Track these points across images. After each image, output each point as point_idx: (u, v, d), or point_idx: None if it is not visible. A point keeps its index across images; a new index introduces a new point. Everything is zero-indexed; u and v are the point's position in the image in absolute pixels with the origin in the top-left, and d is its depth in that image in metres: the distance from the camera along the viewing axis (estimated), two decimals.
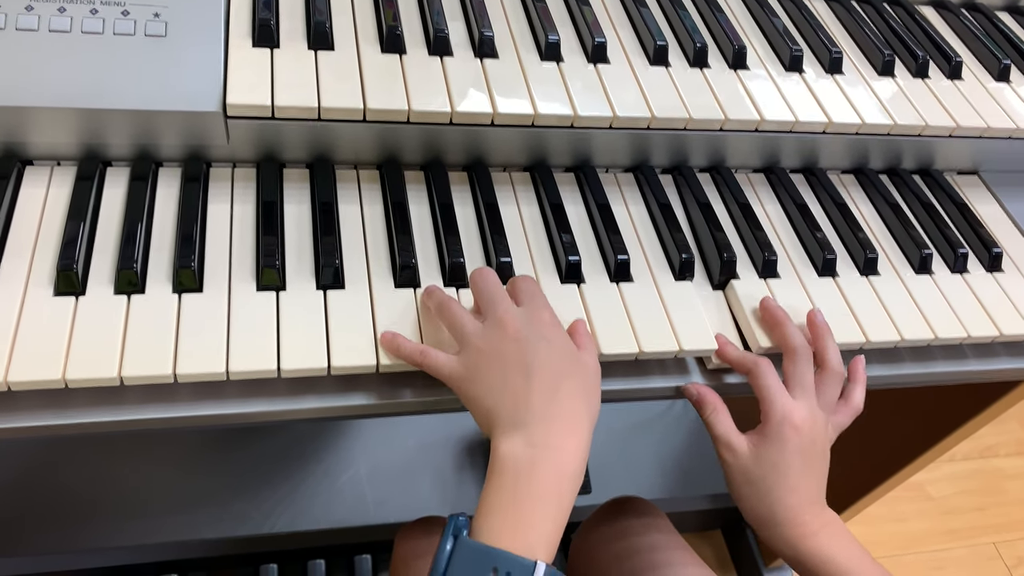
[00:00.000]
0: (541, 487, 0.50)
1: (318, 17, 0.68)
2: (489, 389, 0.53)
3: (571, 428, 0.53)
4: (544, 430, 0.51)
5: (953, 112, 0.80)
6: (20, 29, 0.62)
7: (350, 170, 0.71)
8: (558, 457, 0.51)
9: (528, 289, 0.59)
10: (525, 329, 0.54)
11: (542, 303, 0.58)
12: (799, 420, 0.60)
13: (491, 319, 0.56)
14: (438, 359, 0.56)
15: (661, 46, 0.76)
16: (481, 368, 0.54)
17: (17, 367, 0.52)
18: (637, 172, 0.77)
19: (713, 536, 1.58)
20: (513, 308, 0.56)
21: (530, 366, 0.53)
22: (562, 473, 0.51)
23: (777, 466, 0.60)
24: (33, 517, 1.20)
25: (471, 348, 0.55)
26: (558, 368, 0.54)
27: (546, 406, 0.52)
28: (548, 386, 0.53)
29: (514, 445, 0.51)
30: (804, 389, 0.62)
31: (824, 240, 0.73)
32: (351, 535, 1.28)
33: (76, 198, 0.62)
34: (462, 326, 0.56)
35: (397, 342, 0.57)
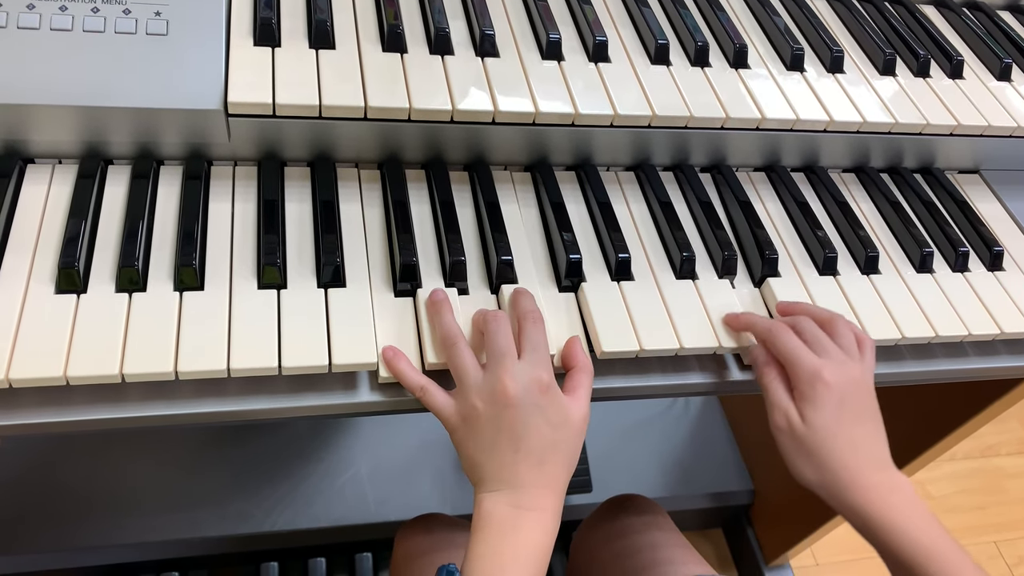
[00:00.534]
0: (525, 537, 0.54)
1: (319, 16, 0.68)
2: (479, 447, 0.56)
3: (552, 496, 0.56)
4: (528, 496, 0.55)
5: (954, 111, 0.80)
6: (22, 28, 0.62)
7: (351, 168, 0.71)
8: (540, 516, 0.55)
9: (533, 338, 0.58)
10: (522, 395, 0.55)
11: (542, 359, 0.57)
12: (828, 375, 0.59)
13: (492, 375, 0.56)
14: (436, 400, 0.58)
15: (662, 45, 0.76)
16: (474, 425, 0.56)
17: (19, 365, 0.52)
18: (638, 170, 0.77)
19: (714, 534, 1.58)
20: (514, 368, 0.56)
21: (520, 438, 0.55)
22: (543, 528, 0.55)
23: (827, 427, 0.59)
24: (34, 515, 1.20)
25: (468, 401, 0.56)
26: (547, 440, 0.56)
27: (531, 475, 0.55)
28: (536, 458, 0.56)
29: (498, 505, 0.55)
30: (822, 345, 0.61)
31: (825, 238, 0.73)
32: (352, 533, 1.28)
33: (77, 196, 0.62)
34: (465, 373, 0.57)
35: (400, 367, 0.58)
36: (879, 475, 0.59)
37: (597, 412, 1.43)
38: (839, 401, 0.59)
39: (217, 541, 1.24)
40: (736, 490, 1.47)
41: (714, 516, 1.54)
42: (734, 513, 1.52)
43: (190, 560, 1.25)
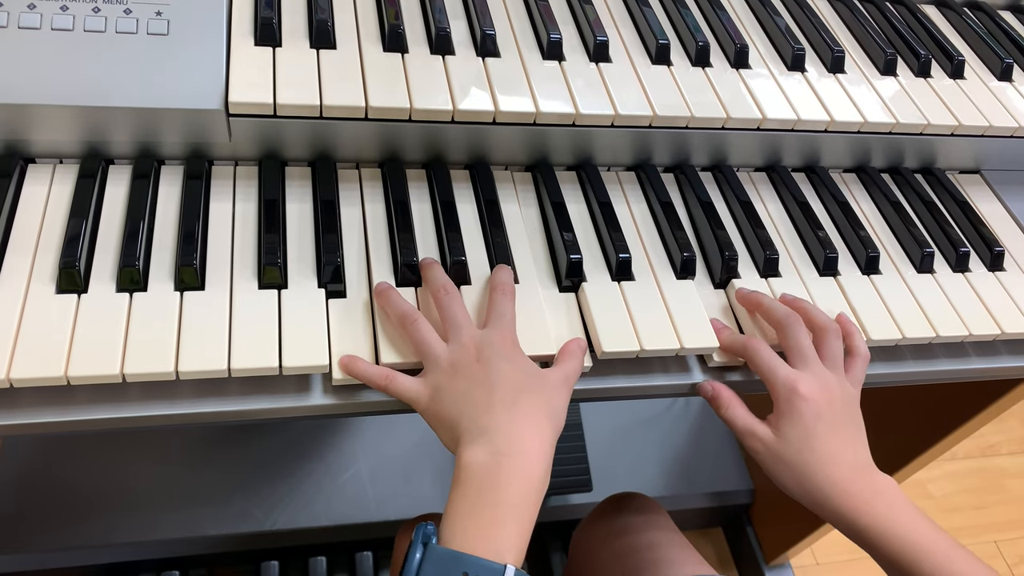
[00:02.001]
0: (507, 492, 0.51)
1: (320, 15, 0.68)
2: (453, 404, 0.55)
3: (532, 434, 0.54)
4: (506, 437, 0.53)
5: (955, 111, 0.80)
6: (23, 27, 0.62)
7: (352, 168, 0.71)
8: (522, 461, 0.52)
9: (499, 308, 0.59)
10: (487, 350, 0.56)
11: (507, 325, 0.58)
12: (804, 389, 0.59)
13: (455, 343, 0.57)
14: (403, 383, 0.57)
15: (663, 44, 0.76)
16: (445, 388, 0.56)
17: (19, 364, 0.52)
18: (639, 170, 0.77)
19: (714, 534, 1.58)
20: (476, 333, 0.57)
21: (492, 382, 0.55)
22: (526, 476, 0.52)
23: (804, 439, 0.59)
24: (35, 514, 1.20)
25: (439, 369, 0.56)
26: (519, 383, 0.55)
27: (508, 415, 0.54)
28: (509, 398, 0.54)
29: (477, 453, 0.52)
30: (803, 356, 0.61)
31: (826, 238, 0.73)
32: (352, 532, 1.28)
33: (78, 196, 0.62)
34: (429, 348, 0.57)
35: (358, 367, 0.57)
36: (861, 481, 0.59)
37: (597, 411, 1.44)
38: (815, 414, 0.59)
39: (217, 540, 1.24)
40: (736, 489, 1.47)
41: (714, 515, 1.54)
42: (734, 512, 1.52)
43: (190, 559, 1.25)
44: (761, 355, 0.61)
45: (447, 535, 0.50)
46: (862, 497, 0.58)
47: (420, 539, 0.50)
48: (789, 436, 0.60)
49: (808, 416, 0.59)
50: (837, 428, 0.60)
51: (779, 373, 0.60)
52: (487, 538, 0.49)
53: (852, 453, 0.60)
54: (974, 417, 0.96)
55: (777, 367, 0.61)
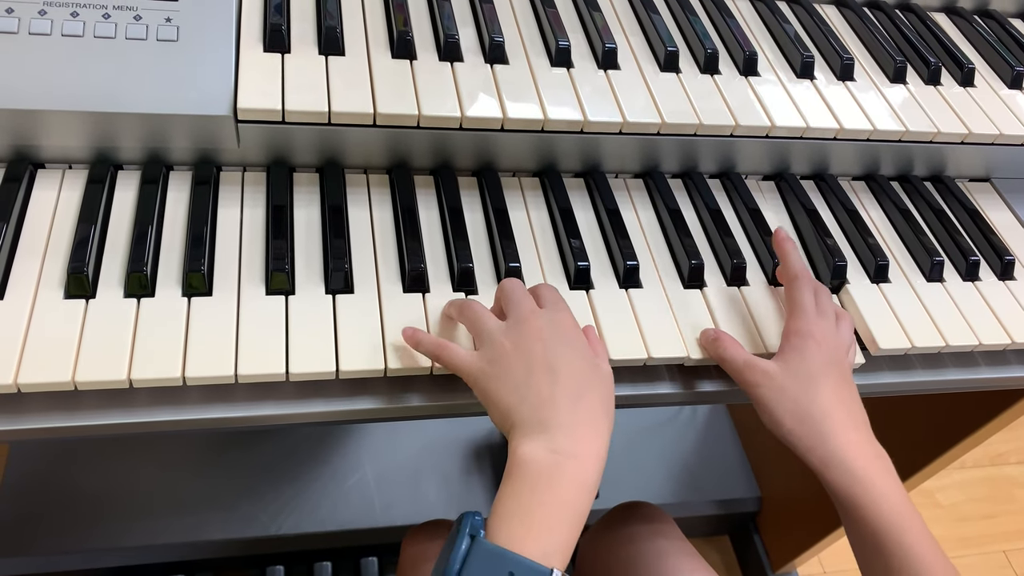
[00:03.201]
0: (561, 495, 0.49)
1: (329, 22, 0.69)
2: (514, 386, 0.52)
3: (593, 438, 0.52)
4: (567, 437, 0.51)
5: (965, 119, 0.79)
6: (33, 33, 0.63)
7: (360, 174, 0.71)
8: (579, 466, 0.50)
9: (550, 296, 0.59)
10: (548, 330, 0.54)
11: (565, 307, 0.58)
12: (820, 335, 0.60)
13: (514, 317, 0.55)
14: (458, 354, 0.55)
15: (672, 52, 0.76)
16: (503, 364, 0.53)
17: (27, 369, 0.52)
18: (647, 178, 0.77)
19: (721, 541, 1.57)
20: (537, 309, 0.56)
21: (556, 369, 0.52)
22: (582, 483, 0.50)
23: (812, 374, 0.58)
24: (43, 517, 1.21)
25: (494, 344, 0.54)
26: (581, 376, 0.53)
27: (571, 412, 0.51)
28: (573, 392, 0.52)
29: (536, 449, 0.50)
30: (825, 312, 0.62)
31: (834, 246, 0.73)
32: (358, 537, 1.28)
33: (87, 201, 0.62)
34: (484, 323, 0.55)
35: (417, 336, 0.57)
36: (866, 436, 0.59)
37: None
38: (827, 359, 0.59)
39: (223, 544, 1.24)
40: (743, 497, 1.47)
41: (721, 523, 1.54)
42: (741, 520, 1.51)
43: (196, 563, 1.25)
44: (805, 292, 0.62)
45: (495, 530, 0.48)
46: (863, 450, 0.57)
47: (468, 530, 0.48)
48: (798, 371, 0.58)
49: (820, 357, 0.59)
50: (845, 381, 0.60)
51: (808, 311, 0.61)
52: (536, 539, 0.47)
53: (858, 409, 0.60)
54: (983, 426, 0.95)
55: (809, 305, 0.61)
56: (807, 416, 0.58)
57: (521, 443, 0.51)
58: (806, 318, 0.61)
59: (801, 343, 0.60)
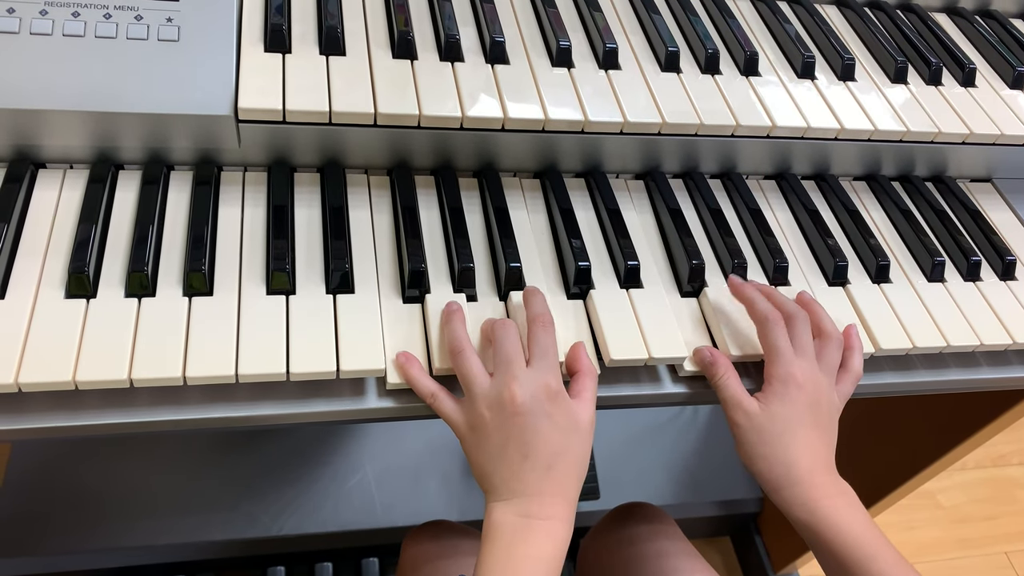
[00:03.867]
0: (536, 549, 0.54)
1: (330, 22, 0.69)
2: (487, 456, 0.56)
3: (560, 499, 0.56)
4: (537, 504, 0.55)
5: (966, 119, 0.79)
6: (34, 33, 0.63)
7: (361, 174, 0.71)
8: (549, 526, 0.54)
9: (542, 343, 0.58)
10: (529, 402, 0.55)
11: (551, 365, 0.58)
12: (802, 378, 0.60)
13: (499, 382, 0.56)
14: (445, 407, 0.58)
15: (673, 52, 0.76)
16: (482, 433, 0.56)
17: (28, 369, 0.52)
18: (648, 178, 0.77)
19: (722, 542, 1.57)
20: (522, 375, 0.56)
21: (528, 445, 0.55)
22: (553, 539, 0.54)
23: (789, 421, 0.60)
24: (45, 518, 1.21)
25: (476, 409, 0.56)
26: (555, 446, 0.56)
27: (540, 483, 0.55)
28: (544, 464, 0.55)
29: (507, 515, 0.55)
30: (803, 350, 0.62)
31: (836, 247, 0.73)
32: (358, 538, 1.28)
33: (88, 201, 0.62)
34: (473, 381, 0.57)
35: (412, 373, 0.58)
36: (830, 477, 0.61)
37: (605, 419, 1.43)
38: (806, 404, 0.61)
39: (224, 545, 1.24)
40: (744, 498, 1.46)
41: (722, 524, 1.53)
42: (742, 521, 1.51)
43: (198, 564, 1.25)
44: (777, 334, 0.62)
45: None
46: (826, 490, 0.60)
47: None
48: (776, 415, 0.60)
49: (799, 403, 0.60)
50: (819, 426, 0.62)
51: (786, 355, 0.61)
52: None
53: (826, 453, 0.62)
54: (985, 427, 0.95)
55: (787, 349, 0.61)
56: (777, 462, 0.61)
57: (494, 508, 0.55)
58: (783, 361, 0.61)
59: (783, 389, 0.61)
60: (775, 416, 0.60)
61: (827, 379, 0.62)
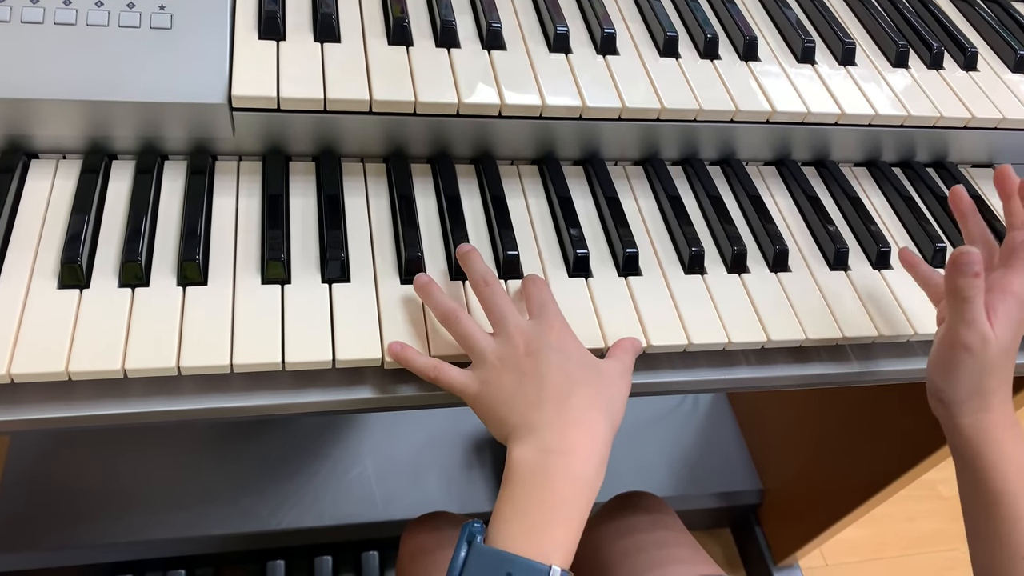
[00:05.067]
0: (555, 492, 0.50)
1: (324, 9, 0.68)
2: (504, 400, 0.54)
3: (584, 432, 0.52)
4: (556, 435, 0.51)
5: (968, 103, 0.79)
6: (25, 22, 0.62)
7: (356, 163, 0.70)
8: (571, 461, 0.51)
9: (539, 297, 0.58)
10: (537, 342, 0.55)
11: (553, 312, 0.57)
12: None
13: (503, 335, 0.56)
14: (452, 375, 0.56)
15: (671, 37, 0.75)
16: (495, 382, 0.54)
17: (21, 360, 0.52)
18: (647, 165, 0.76)
19: (722, 534, 1.57)
20: (524, 323, 0.56)
21: (543, 376, 0.53)
22: (576, 478, 0.51)
23: (1008, 350, 0.57)
24: (42, 512, 1.21)
25: (486, 364, 0.55)
26: (571, 376, 0.54)
27: (558, 412, 0.52)
28: (560, 392, 0.53)
29: (526, 451, 0.51)
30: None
31: (836, 233, 0.72)
32: (358, 532, 1.28)
33: (81, 191, 0.62)
34: (475, 342, 0.56)
35: (407, 355, 0.56)
36: (1009, 405, 0.59)
37: None
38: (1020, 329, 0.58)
39: (223, 539, 1.24)
40: (745, 489, 1.46)
41: (722, 515, 1.53)
42: (742, 512, 1.51)
43: (196, 558, 1.25)
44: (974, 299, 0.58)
45: (493, 534, 0.49)
46: (1006, 419, 0.58)
47: (465, 536, 0.49)
48: (1003, 341, 0.57)
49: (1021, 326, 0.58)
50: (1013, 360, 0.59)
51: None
52: (534, 539, 0.48)
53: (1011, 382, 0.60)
54: None
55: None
56: (984, 390, 0.58)
57: (514, 448, 0.52)
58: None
59: (1016, 308, 0.57)
60: (1003, 342, 0.57)
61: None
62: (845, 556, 1.56)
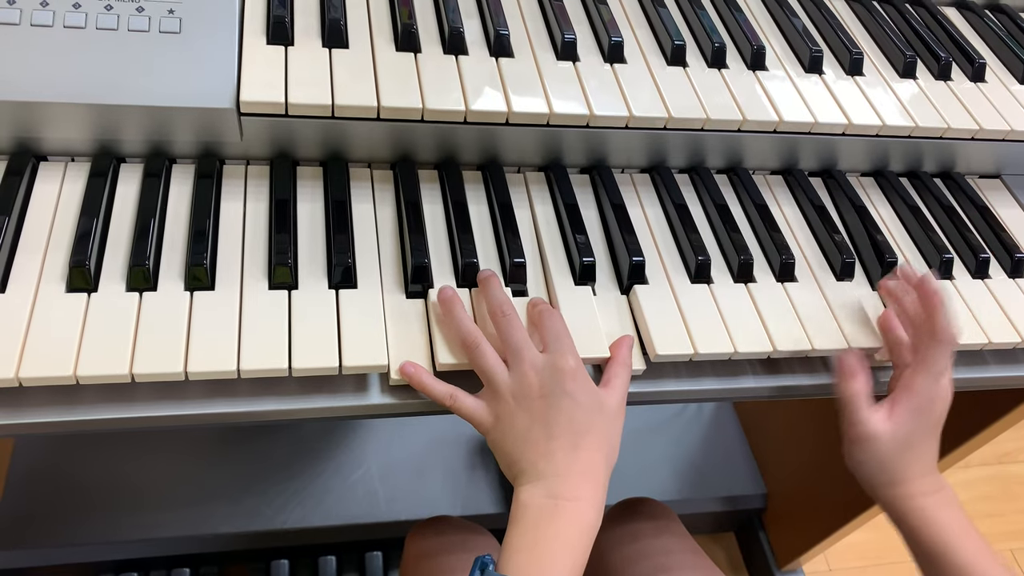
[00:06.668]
0: (562, 531, 0.53)
1: (333, 14, 0.68)
2: (515, 440, 0.56)
3: (589, 480, 0.55)
4: (564, 483, 0.54)
5: (976, 114, 0.79)
6: (35, 25, 0.62)
7: (364, 168, 0.70)
8: (576, 507, 0.54)
9: (552, 329, 0.58)
10: (550, 384, 0.56)
11: (568, 348, 0.58)
12: (938, 396, 0.62)
13: (517, 371, 0.57)
14: (466, 405, 0.57)
15: (679, 45, 0.75)
16: (507, 422, 0.56)
17: (29, 363, 0.52)
18: (653, 173, 0.76)
19: (726, 538, 1.57)
20: (538, 360, 0.57)
21: (552, 424, 0.55)
22: (580, 522, 0.54)
23: (912, 442, 0.62)
24: (48, 510, 1.21)
25: (500, 399, 0.57)
26: (579, 424, 0.56)
27: (567, 463, 0.55)
28: (569, 443, 0.55)
29: (535, 496, 0.54)
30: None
31: (843, 243, 0.72)
32: (362, 532, 1.28)
33: (89, 194, 0.62)
34: (493, 374, 0.57)
35: (422, 379, 0.57)
36: (930, 477, 0.63)
37: None
38: (936, 420, 0.63)
39: (228, 538, 1.24)
40: (749, 494, 1.46)
41: (726, 520, 1.53)
42: (746, 517, 1.50)
43: (201, 556, 1.26)
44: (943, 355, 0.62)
45: (503, 564, 0.52)
46: (925, 488, 0.63)
47: (477, 567, 0.53)
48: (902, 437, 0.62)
49: (931, 420, 0.63)
50: (935, 439, 0.64)
51: (935, 375, 0.62)
52: (540, 569, 0.52)
53: (933, 454, 0.64)
54: (991, 425, 0.94)
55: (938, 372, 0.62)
56: (889, 473, 0.63)
57: (523, 490, 0.55)
58: (932, 379, 0.61)
59: (919, 405, 0.62)
60: (901, 437, 0.62)
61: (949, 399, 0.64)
62: (849, 561, 1.56)
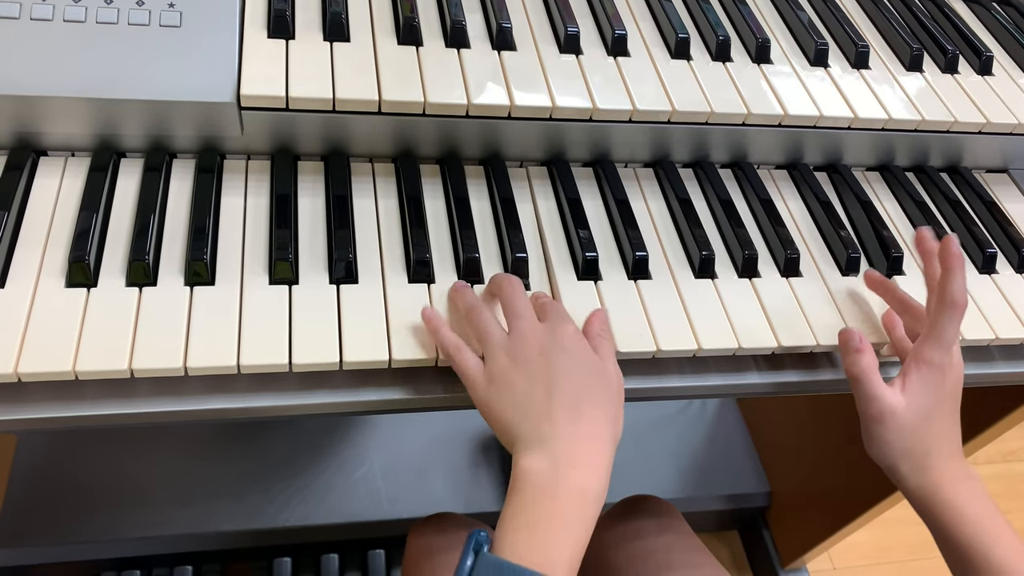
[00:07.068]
0: (563, 505, 0.50)
1: (334, 8, 0.68)
2: (513, 402, 0.53)
3: (593, 446, 0.52)
4: (567, 448, 0.51)
5: (983, 108, 0.78)
6: (35, 19, 0.62)
7: (365, 163, 0.70)
8: (581, 475, 0.51)
9: (552, 308, 0.58)
10: (548, 343, 0.54)
11: (567, 319, 0.57)
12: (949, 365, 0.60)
13: (515, 333, 0.55)
14: (468, 361, 0.56)
15: (683, 39, 0.75)
16: (504, 381, 0.54)
17: (28, 359, 0.52)
18: (657, 167, 0.76)
19: (730, 536, 1.56)
20: (536, 323, 0.56)
21: (554, 383, 0.53)
22: (585, 492, 0.50)
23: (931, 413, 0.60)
24: (49, 507, 1.21)
25: (497, 359, 0.55)
26: (581, 383, 0.53)
27: (570, 425, 0.52)
28: (572, 404, 0.52)
29: (536, 461, 0.51)
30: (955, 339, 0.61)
31: (848, 238, 0.72)
32: (365, 530, 1.28)
33: (89, 189, 0.62)
34: (490, 335, 0.56)
35: (437, 324, 0.57)
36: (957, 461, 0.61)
37: None
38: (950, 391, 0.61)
39: (230, 536, 1.24)
40: (752, 492, 1.46)
41: (730, 518, 1.53)
42: (750, 515, 1.50)
43: (203, 554, 1.25)
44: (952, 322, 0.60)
45: (500, 543, 0.49)
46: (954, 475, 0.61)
47: (472, 546, 0.48)
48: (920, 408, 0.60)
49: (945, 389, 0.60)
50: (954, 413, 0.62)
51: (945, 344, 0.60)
52: (540, 551, 0.48)
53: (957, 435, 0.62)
54: (997, 422, 0.94)
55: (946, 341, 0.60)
56: (913, 453, 0.60)
57: (522, 457, 0.51)
58: (943, 349, 0.60)
59: (931, 375, 0.60)
60: (919, 408, 0.59)
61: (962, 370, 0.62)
62: (853, 560, 1.55)
